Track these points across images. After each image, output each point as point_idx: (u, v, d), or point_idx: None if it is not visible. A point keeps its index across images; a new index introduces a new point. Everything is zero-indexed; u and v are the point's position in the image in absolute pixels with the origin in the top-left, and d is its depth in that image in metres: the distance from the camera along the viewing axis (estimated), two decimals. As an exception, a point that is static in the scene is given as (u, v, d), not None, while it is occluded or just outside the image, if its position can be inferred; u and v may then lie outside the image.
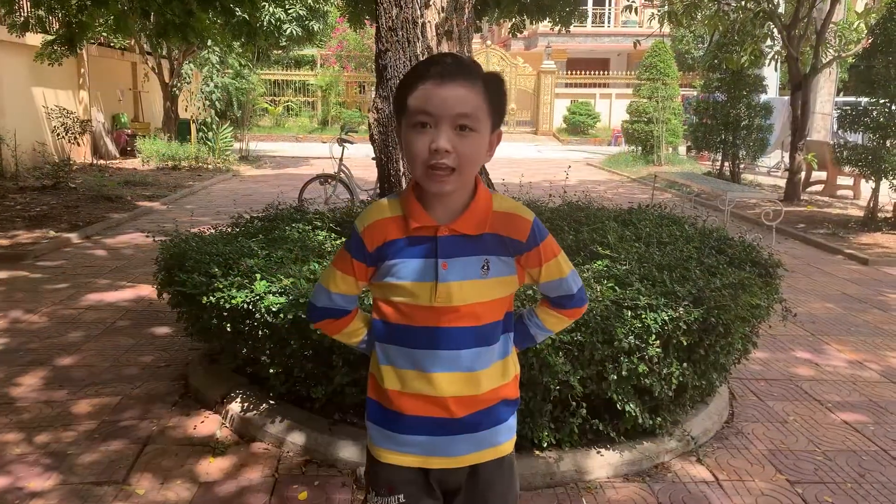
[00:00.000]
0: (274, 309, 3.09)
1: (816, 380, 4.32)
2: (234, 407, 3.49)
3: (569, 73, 28.65)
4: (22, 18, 10.18)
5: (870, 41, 9.51)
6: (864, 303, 6.09)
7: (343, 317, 1.73)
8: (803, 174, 12.34)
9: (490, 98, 1.53)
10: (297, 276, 3.30)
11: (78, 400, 3.76)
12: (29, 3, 11.67)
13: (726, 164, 13.58)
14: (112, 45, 16.79)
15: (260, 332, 3.17)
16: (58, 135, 13.64)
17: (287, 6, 15.06)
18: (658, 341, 2.99)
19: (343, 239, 4.15)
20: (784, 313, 3.80)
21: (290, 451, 3.23)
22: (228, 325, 3.26)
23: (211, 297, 3.26)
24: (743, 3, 11.78)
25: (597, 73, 27.97)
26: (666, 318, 3.00)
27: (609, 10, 31.34)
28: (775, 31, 11.94)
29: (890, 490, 3.07)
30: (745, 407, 3.89)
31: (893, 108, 9.04)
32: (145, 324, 4.99)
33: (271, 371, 3.26)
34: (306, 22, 15.91)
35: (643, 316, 3.00)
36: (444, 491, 1.69)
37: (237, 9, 7.78)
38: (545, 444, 3.06)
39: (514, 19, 10.21)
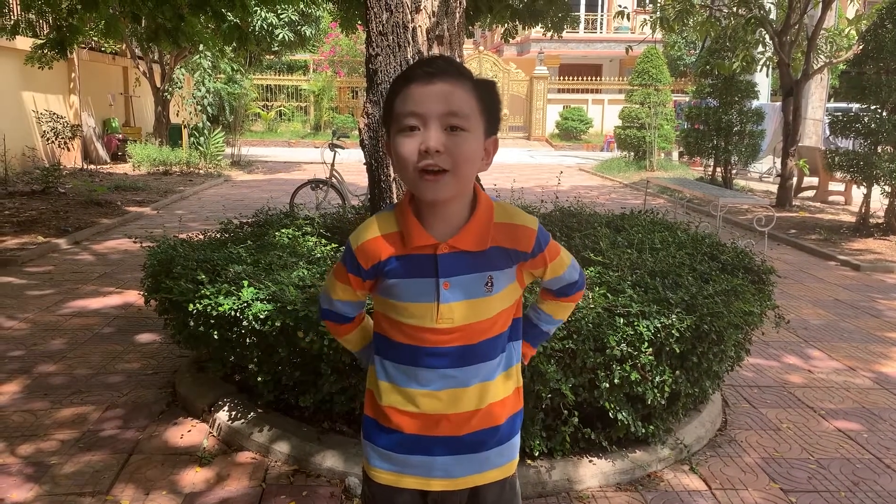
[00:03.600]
0: (261, 316, 3.04)
1: (809, 387, 4.30)
2: (222, 416, 3.44)
3: (561, 78, 28.73)
4: (12, 21, 10.12)
5: (861, 47, 9.54)
6: (857, 309, 6.08)
7: (344, 323, 1.70)
8: (795, 180, 12.38)
9: (482, 100, 1.45)
10: (286, 282, 3.25)
11: (61, 409, 3.69)
12: (18, 6, 11.63)
13: (718, 169, 13.60)
14: (103, 49, 16.72)
15: (247, 340, 3.12)
16: (48, 139, 13.56)
17: (279, 11, 15.05)
18: (650, 349, 2.96)
19: (333, 245, 4.11)
20: (777, 320, 3.78)
21: (277, 460, 3.18)
22: (215, 332, 3.21)
23: (197, 305, 3.21)
24: (734, 9, 11.82)
25: (589, 78, 28.07)
26: (658, 325, 2.97)
27: (601, 16, 31.45)
28: (767, 37, 11.97)
29: (884, 499, 3.04)
30: (738, 414, 3.86)
31: (884, 114, 9.06)
32: (132, 331, 4.93)
33: (259, 379, 3.21)
34: (298, 27, 15.93)
35: (635, 323, 2.97)
36: None
37: (228, 13, 7.74)
38: (536, 453, 3.01)
39: (506, 25, 10.17)
